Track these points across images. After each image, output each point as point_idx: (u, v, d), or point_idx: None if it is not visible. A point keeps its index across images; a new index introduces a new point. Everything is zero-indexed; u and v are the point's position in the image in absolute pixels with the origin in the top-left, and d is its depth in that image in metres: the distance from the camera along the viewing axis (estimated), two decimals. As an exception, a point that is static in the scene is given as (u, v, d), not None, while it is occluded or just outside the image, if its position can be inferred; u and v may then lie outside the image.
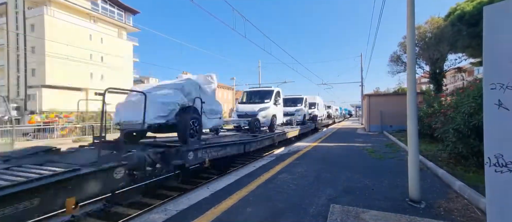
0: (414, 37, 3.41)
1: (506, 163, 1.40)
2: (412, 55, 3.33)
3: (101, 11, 29.32)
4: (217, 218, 2.81)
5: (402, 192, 3.57)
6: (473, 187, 3.37)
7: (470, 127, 4.26)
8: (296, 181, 4.29)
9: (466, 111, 4.38)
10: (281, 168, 5.31)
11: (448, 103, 6.28)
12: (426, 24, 16.67)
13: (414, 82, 3.31)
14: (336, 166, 5.40)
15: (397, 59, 18.94)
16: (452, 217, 2.74)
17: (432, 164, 4.95)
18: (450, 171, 4.36)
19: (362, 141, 10.04)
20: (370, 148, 8.08)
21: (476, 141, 4.22)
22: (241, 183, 4.18)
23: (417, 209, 2.98)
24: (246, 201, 3.34)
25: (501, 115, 1.43)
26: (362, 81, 26.49)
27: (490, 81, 1.47)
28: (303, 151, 7.67)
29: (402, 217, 2.73)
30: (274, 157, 6.65)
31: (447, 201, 3.20)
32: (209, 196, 3.57)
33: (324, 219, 2.72)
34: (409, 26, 3.32)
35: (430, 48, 15.65)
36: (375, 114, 14.55)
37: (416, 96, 3.30)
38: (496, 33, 1.48)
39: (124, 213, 4.21)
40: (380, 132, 13.74)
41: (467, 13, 13.94)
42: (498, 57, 1.47)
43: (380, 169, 5.14)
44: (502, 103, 1.42)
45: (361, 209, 2.96)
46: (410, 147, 3.26)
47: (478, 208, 2.92)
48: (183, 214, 2.94)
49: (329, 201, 3.28)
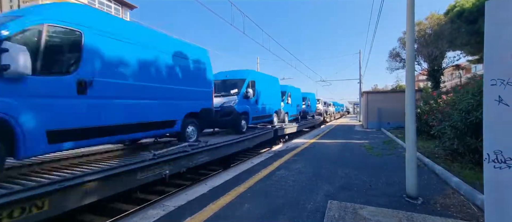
0: (414, 33, 3.38)
1: (505, 159, 1.40)
2: (412, 51, 3.32)
3: (97, 5, 28.92)
4: (215, 214, 2.81)
5: (399, 188, 3.59)
6: (470, 183, 3.40)
7: (467, 124, 4.27)
8: (294, 177, 4.30)
9: (464, 107, 4.39)
10: (279, 164, 5.32)
11: (445, 100, 6.30)
12: (426, 20, 16.65)
13: (413, 79, 3.29)
14: (334, 163, 5.42)
15: (396, 56, 18.96)
16: (449, 213, 2.76)
17: (429, 161, 4.98)
18: (447, 167, 4.38)
19: (360, 138, 10.08)
20: (368, 144, 8.11)
21: (473, 138, 4.25)
22: (239, 179, 4.18)
23: (414, 205, 3.00)
24: (244, 197, 3.34)
25: (501, 111, 1.43)
26: (361, 79, 26.52)
27: (491, 77, 1.47)
28: (301, 147, 7.69)
29: (399, 213, 2.75)
30: (272, 153, 6.66)
31: (444, 197, 3.23)
32: (207, 192, 3.57)
33: (322, 215, 2.73)
34: (408, 22, 3.30)
35: (429, 45, 15.66)
36: (373, 110, 14.59)
37: (414, 94, 3.29)
38: (497, 29, 1.47)
39: (122, 209, 4.21)
40: (378, 128, 13.80)
41: (466, 10, 13.92)
42: (499, 53, 1.46)
43: (378, 165, 5.16)
44: (502, 99, 1.42)
45: (358, 205, 2.98)
46: (408, 143, 3.26)
47: (474, 204, 2.94)
48: (181, 210, 2.94)
49: (327, 197, 3.30)
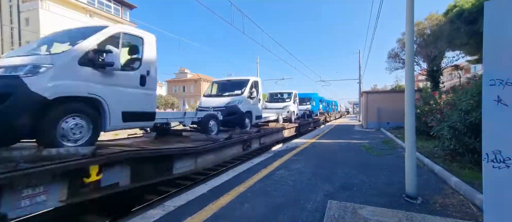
0: (413, 34, 3.40)
1: (504, 159, 1.41)
2: (411, 52, 3.33)
3: (97, 5, 28.85)
4: (215, 214, 2.81)
5: (398, 188, 3.60)
6: (469, 183, 3.41)
7: (466, 124, 4.28)
8: (294, 177, 4.30)
9: (464, 108, 4.41)
10: (279, 164, 5.32)
11: (444, 101, 6.32)
12: (425, 20, 16.67)
13: (412, 79, 3.30)
14: (334, 163, 5.43)
15: (395, 56, 18.96)
16: (448, 213, 2.77)
17: (428, 161, 4.99)
18: (446, 167, 4.40)
19: (359, 138, 10.09)
20: (367, 144, 8.13)
21: (472, 139, 4.26)
22: (239, 179, 4.18)
23: (414, 204, 3.01)
24: (244, 197, 3.34)
25: (500, 111, 1.44)
26: (360, 79, 26.55)
27: (490, 77, 1.47)
28: (301, 147, 7.69)
29: (398, 212, 2.76)
30: (272, 153, 6.66)
31: (443, 197, 3.24)
32: (207, 192, 3.57)
33: (321, 215, 2.73)
34: (408, 22, 3.31)
35: (429, 45, 15.68)
36: (373, 110, 14.61)
37: (414, 94, 3.30)
38: (496, 29, 1.48)
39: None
40: (377, 128, 13.82)
41: (466, 10, 13.92)
42: (498, 53, 1.47)
43: (377, 165, 5.17)
44: (501, 100, 1.43)
45: (358, 205, 2.98)
46: (407, 143, 3.27)
47: (474, 204, 2.95)
48: (181, 210, 2.94)
49: (326, 197, 3.30)
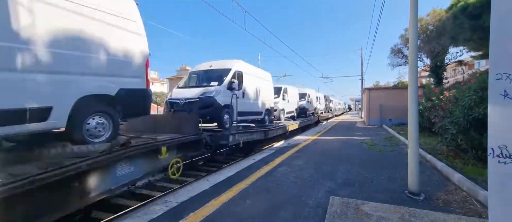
0: (417, 30, 3.34)
1: (510, 154, 1.39)
2: (415, 47, 3.28)
3: (98, 2, 28.77)
4: (217, 210, 2.82)
5: (401, 184, 3.58)
6: (472, 179, 3.39)
7: (469, 119, 4.25)
8: (295, 173, 4.30)
9: (466, 103, 4.36)
10: (280, 160, 5.33)
11: (447, 97, 6.26)
12: (428, 16, 16.43)
13: (415, 75, 3.26)
14: (336, 159, 5.42)
15: (398, 52, 18.73)
16: (451, 209, 2.75)
17: (431, 157, 4.96)
18: (449, 163, 4.37)
19: (361, 134, 10.06)
20: (370, 141, 8.10)
21: (476, 134, 4.22)
22: (241, 176, 4.19)
23: (416, 201, 3.00)
24: (246, 193, 3.35)
25: (506, 105, 1.41)
26: (362, 75, 26.39)
27: (496, 71, 1.45)
28: (303, 144, 7.69)
29: (401, 208, 2.75)
30: (273, 150, 6.66)
31: (446, 193, 3.22)
32: (209, 188, 3.58)
33: (323, 211, 2.73)
34: (411, 18, 3.26)
35: (432, 41, 15.48)
36: (375, 107, 14.54)
37: (417, 90, 3.27)
38: (503, 22, 1.44)
39: (125, 205, 4.24)
40: (379, 125, 13.77)
41: (471, 4, 13.69)
42: (504, 47, 1.44)
43: (380, 162, 5.16)
44: (508, 94, 1.40)
45: (360, 201, 2.98)
46: (410, 140, 3.25)
47: (477, 200, 2.94)
48: (183, 206, 2.96)
49: (328, 193, 3.30)
